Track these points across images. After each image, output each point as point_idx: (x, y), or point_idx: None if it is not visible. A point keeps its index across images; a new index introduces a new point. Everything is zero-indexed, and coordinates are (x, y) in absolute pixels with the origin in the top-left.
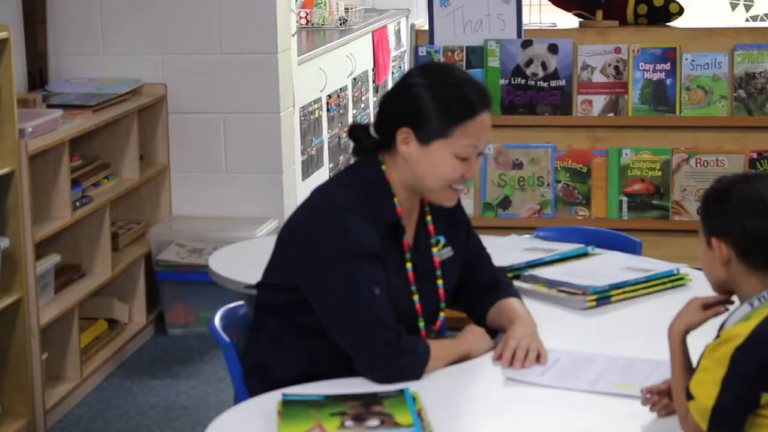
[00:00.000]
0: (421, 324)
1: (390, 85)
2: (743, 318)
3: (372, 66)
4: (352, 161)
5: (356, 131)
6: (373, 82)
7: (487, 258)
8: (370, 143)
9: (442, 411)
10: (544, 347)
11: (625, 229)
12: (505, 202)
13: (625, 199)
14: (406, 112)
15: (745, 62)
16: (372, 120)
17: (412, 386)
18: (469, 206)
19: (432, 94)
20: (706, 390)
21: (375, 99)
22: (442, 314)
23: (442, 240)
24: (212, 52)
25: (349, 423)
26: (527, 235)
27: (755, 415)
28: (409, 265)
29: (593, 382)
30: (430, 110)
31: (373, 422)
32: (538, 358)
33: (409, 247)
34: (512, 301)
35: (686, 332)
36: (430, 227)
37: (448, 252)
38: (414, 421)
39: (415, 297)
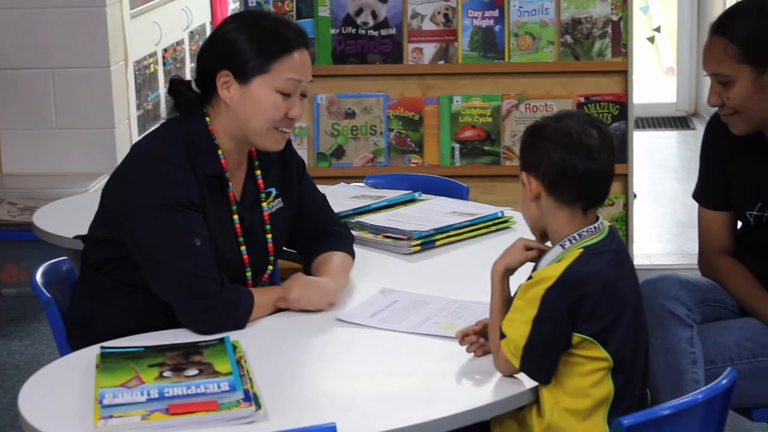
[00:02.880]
0: (249, 274)
1: None
2: (555, 259)
3: (210, 19)
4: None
5: (176, 85)
6: None
7: (323, 204)
8: (192, 97)
9: (265, 358)
10: (317, 304)
11: (458, 175)
12: (339, 152)
13: (457, 145)
14: (222, 56)
15: (571, 8)
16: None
17: (234, 335)
18: (302, 157)
19: (246, 36)
20: (518, 329)
21: None
22: (270, 267)
23: (273, 191)
24: (38, 6)
25: (167, 373)
26: (357, 183)
27: (568, 354)
28: (236, 218)
29: (418, 324)
30: (246, 51)
31: (192, 372)
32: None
33: (236, 200)
34: (334, 256)
35: (507, 271)
36: (260, 182)
37: (278, 204)
38: (233, 369)
39: (243, 248)
